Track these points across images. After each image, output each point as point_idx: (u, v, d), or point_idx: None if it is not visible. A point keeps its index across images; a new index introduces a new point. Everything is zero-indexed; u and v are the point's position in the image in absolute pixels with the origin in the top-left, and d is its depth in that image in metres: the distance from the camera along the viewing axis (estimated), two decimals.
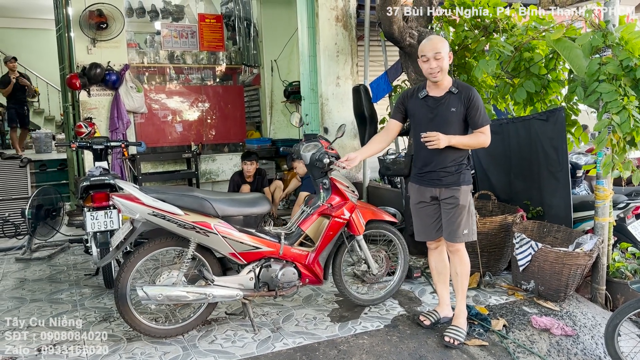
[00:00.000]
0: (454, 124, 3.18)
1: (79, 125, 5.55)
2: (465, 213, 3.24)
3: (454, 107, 3.16)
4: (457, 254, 3.34)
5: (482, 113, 3.17)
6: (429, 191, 3.30)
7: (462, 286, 3.38)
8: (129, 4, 7.79)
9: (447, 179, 3.23)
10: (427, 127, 3.18)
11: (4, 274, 4.79)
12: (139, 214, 3.05)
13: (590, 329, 3.64)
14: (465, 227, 3.25)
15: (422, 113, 3.26)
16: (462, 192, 3.22)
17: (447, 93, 3.19)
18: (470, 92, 3.16)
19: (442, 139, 3.05)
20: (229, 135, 8.22)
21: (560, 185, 4.37)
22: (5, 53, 13.31)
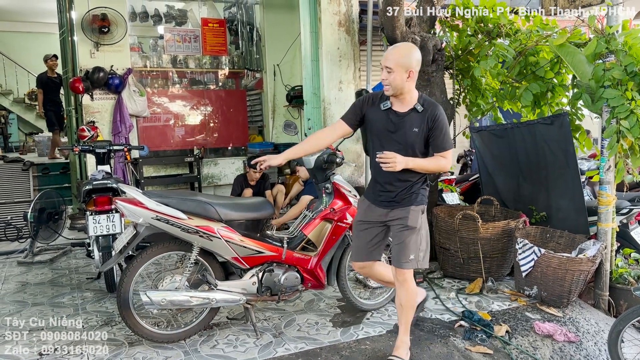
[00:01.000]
0: (416, 144, 2.91)
1: (82, 128, 5.56)
2: (413, 235, 2.95)
3: (416, 127, 2.88)
4: (404, 284, 3.01)
5: (447, 136, 2.92)
6: (379, 212, 3.04)
7: (406, 318, 3.08)
8: (132, 8, 7.81)
9: (400, 199, 2.97)
10: (387, 143, 2.92)
11: (6, 277, 4.79)
12: (142, 218, 3.05)
13: (593, 335, 3.62)
14: (412, 251, 2.93)
15: (382, 126, 2.97)
16: (411, 212, 2.95)
17: (411, 110, 2.90)
18: (436, 111, 2.88)
19: (399, 162, 2.79)
20: (231, 139, 8.22)
21: (569, 187, 4.36)
22: (8, 56, 13.39)
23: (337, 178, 3.64)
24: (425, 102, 2.93)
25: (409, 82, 2.87)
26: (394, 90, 2.87)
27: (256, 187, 6.14)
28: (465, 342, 3.36)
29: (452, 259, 4.44)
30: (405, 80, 2.84)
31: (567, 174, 4.35)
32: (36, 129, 13.34)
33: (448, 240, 4.42)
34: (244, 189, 6.10)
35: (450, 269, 4.50)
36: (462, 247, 4.33)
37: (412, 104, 2.91)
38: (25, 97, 13.39)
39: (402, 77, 2.83)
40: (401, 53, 2.85)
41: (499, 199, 4.91)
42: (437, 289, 4.27)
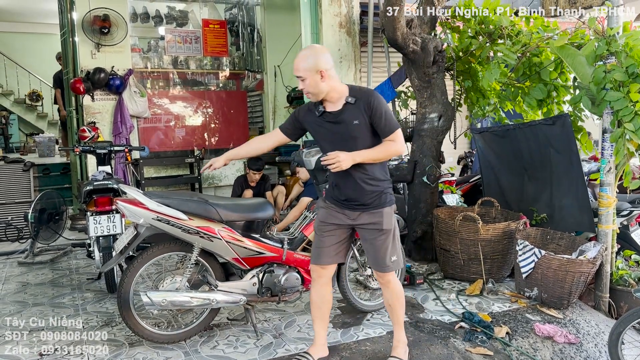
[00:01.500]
0: (362, 137, 2.79)
1: (83, 129, 5.57)
2: (390, 238, 2.91)
3: (356, 120, 2.76)
4: (388, 286, 3.00)
5: (388, 118, 2.78)
6: (345, 215, 2.92)
7: (398, 317, 3.07)
8: (133, 9, 7.83)
9: (367, 202, 2.86)
10: (333, 146, 2.79)
11: (6, 277, 4.79)
12: (143, 218, 3.05)
13: (593, 337, 3.62)
14: (392, 253, 2.92)
15: (323, 132, 2.88)
16: (385, 214, 2.87)
17: (345, 105, 2.79)
18: (369, 97, 2.77)
19: (343, 159, 2.68)
20: (232, 141, 8.22)
21: (574, 186, 4.37)
22: (9, 57, 13.40)
23: None
24: (357, 93, 2.82)
25: (326, 82, 2.76)
26: (316, 95, 2.79)
27: (256, 189, 6.14)
28: (465, 344, 3.36)
29: (453, 260, 4.44)
30: (320, 82, 2.74)
31: (571, 172, 4.37)
32: (37, 130, 13.36)
33: (448, 242, 4.42)
34: (244, 190, 6.10)
35: (450, 271, 4.50)
36: (463, 249, 4.33)
37: (344, 99, 2.80)
38: (26, 98, 13.41)
39: (315, 80, 2.74)
40: (304, 59, 2.76)
41: (503, 198, 4.92)
42: (438, 290, 4.27)
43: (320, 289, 3.07)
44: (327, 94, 2.79)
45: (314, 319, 3.11)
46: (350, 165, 2.72)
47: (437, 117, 4.93)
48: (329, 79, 2.76)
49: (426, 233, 4.96)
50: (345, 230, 2.99)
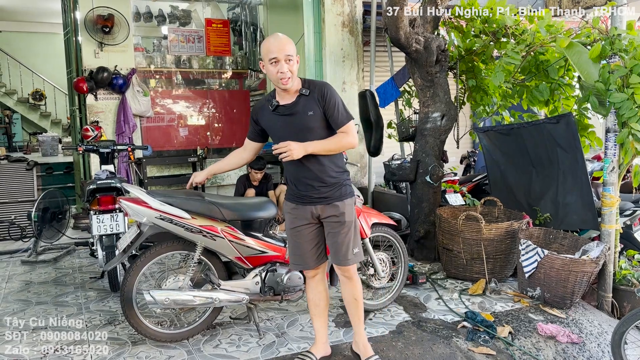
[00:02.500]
0: (317, 129, 2.76)
1: (86, 128, 5.58)
2: (352, 230, 2.88)
3: (310, 111, 2.72)
4: (352, 279, 2.97)
5: (341, 109, 2.75)
6: (307, 210, 2.86)
7: (361, 312, 3.05)
8: (136, 9, 7.83)
9: (326, 194, 2.82)
10: (290, 139, 2.73)
11: (9, 276, 4.80)
12: (146, 217, 3.06)
13: (596, 336, 3.62)
14: (354, 245, 2.89)
15: (278, 126, 2.83)
16: (346, 206, 2.85)
17: (299, 97, 2.75)
18: (323, 88, 2.74)
19: (294, 148, 2.64)
20: (234, 140, 8.22)
21: (578, 183, 4.37)
22: (13, 57, 13.44)
23: None
24: (310, 84, 2.78)
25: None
26: (293, 79, 2.71)
27: (259, 188, 6.15)
28: (468, 343, 3.36)
29: (455, 259, 4.43)
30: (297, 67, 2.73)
31: (576, 170, 4.37)
32: (40, 129, 13.40)
33: (451, 241, 4.42)
34: (247, 189, 6.11)
35: (453, 270, 4.50)
36: (465, 248, 4.33)
37: (298, 91, 2.76)
38: (29, 97, 13.45)
39: (297, 64, 2.72)
40: (290, 41, 2.71)
41: (511, 196, 4.92)
42: (440, 289, 4.26)
43: (316, 286, 3.06)
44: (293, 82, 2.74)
45: (313, 317, 3.11)
46: (302, 156, 2.69)
47: (439, 116, 4.93)
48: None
49: (429, 232, 4.96)
50: (316, 228, 2.94)
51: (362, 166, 6.49)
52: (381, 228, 3.81)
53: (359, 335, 3.09)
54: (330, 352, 3.13)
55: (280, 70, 2.65)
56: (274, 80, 2.72)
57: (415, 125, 5.32)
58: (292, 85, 2.72)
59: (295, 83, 2.74)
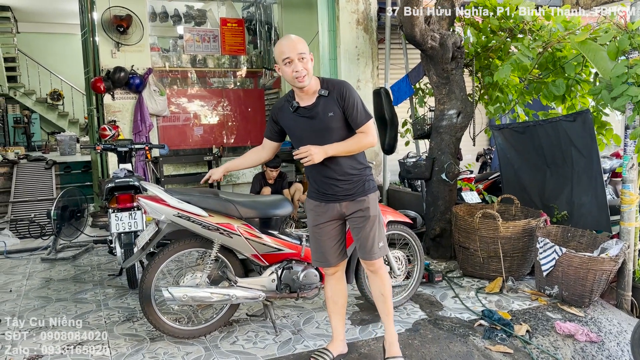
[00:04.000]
0: (338, 130, 2.77)
1: (103, 127, 5.65)
2: (377, 224, 2.89)
3: (331, 112, 2.73)
4: (378, 273, 2.96)
5: (360, 109, 2.75)
6: (331, 208, 2.88)
7: (389, 308, 3.02)
8: (152, 9, 7.91)
9: (350, 191, 2.84)
10: (310, 141, 2.75)
11: (30, 273, 4.88)
12: (164, 215, 3.09)
13: (615, 335, 3.58)
14: (379, 239, 2.90)
15: (299, 128, 2.83)
16: (370, 200, 2.86)
17: (318, 98, 2.75)
18: (341, 88, 2.74)
19: (315, 152, 2.65)
20: (249, 138, 8.27)
21: (593, 184, 4.31)
22: (31, 57, 13.64)
23: None
24: (329, 84, 2.78)
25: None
26: (309, 77, 2.71)
27: (274, 186, 6.18)
28: (485, 341, 3.34)
29: (472, 258, 4.41)
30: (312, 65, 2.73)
31: (590, 170, 4.31)
32: (58, 128, 13.58)
33: (467, 239, 4.40)
34: (262, 187, 6.14)
35: (469, 268, 4.48)
36: (482, 246, 4.30)
37: (317, 92, 2.76)
38: (47, 97, 13.64)
39: (311, 62, 2.72)
40: (301, 40, 2.72)
41: (525, 195, 4.88)
42: (457, 288, 4.25)
43: (336, 283, 3.07)
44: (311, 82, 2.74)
45: (331, 315, 3.11)
46: (323, 159, 2.71)
47: (455, 113, 4.90)
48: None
49: (444, 230, 4.94)
50: (338, 225, 2.96)
51: (377, 164, 6.48)
52: (397, 226, 3.81)
53: (386, 332, 3.08)
54: (347, 350, 3.14)
55: (295, 70, 2.66)
56: (290, 81, 2.72)
57: (430, 123, 5.30)
58: (309, 83, 2.71)
59: (312, 82, 2.74)
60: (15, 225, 6.46)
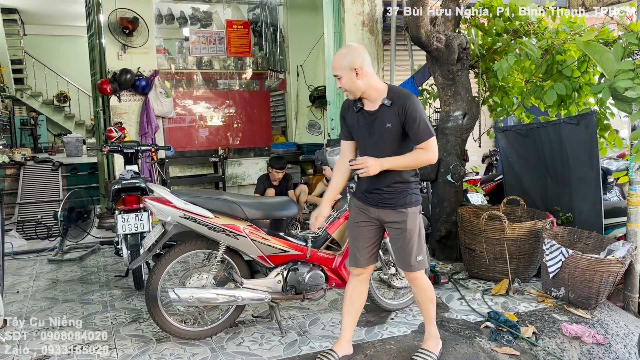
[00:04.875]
0: (393, 141, 2.80)
1: (110, 129, 5.69)
2: (415, 238, 2.90)
3: (389, 123, 2.76)
4: (415, 282, 3.01)
5: (422, 125, 2.73)
6: (371, 211, 2.94)
7: (429, 312, 3.09)
8: (158, 11, 7.95)
9: (392, 200, 2.87)
10: (366, 145, 2.87)
11: (37, 274, 4.91)
12: (170, 216, 3.10)
13: (622, 337, 3.56)
14: (418, 253, 2.92)
15: (359, 128, 2.90)
16: (409, 214, 2.87)
17: (381, 106, 2.79)
18: (405, 102, 2.73)
19: (371, 165, 2.69)
20: (255, 140, 8.29)
21: (591, 191, 4.29)
22: (38, 59, 13.72)
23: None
24: (394, 95, 2.78)
25: (362, 80, 2.76)
26: (353, 93, 2.80)
27: (279, 187, 6.20)
28: (491, 343, 3.33)
29: (478, 259, 4.40)
30: (355, 80, 2.75)
31: (590, 176, 4.29)
32: (64, 130, 13.65)
33: (473, 241, 4.39)
34: (267, 188, 6.15)
35: (475, 270, 4.47)
36: (488, 248, 4.29)
37: (381, 100, 2.79)
38: (54, 99, 13.72)
39: (350, 78, 2.75)
40: (340, 57, 2.78)
41: (528, 198, 4.86)
42: (463, 289, 4.24)
43: (358, 284, 3.09)
44: (365, 92, 2.80)
45: (345, 313, 3.09)
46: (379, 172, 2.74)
47: (461, 115, 4.89)
48: (365, 77, 2.76)
49: (450, 232, 4.93)
50: (375, 228, 2.99)
51: None
52: None
53: (426, 331, 3.17)
54: (352, 351, 3.13)
55: (338, 86, 2.84)
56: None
57: (436, 124, 5.29)
58: (356, 96, 2.82)
59: (373, 92, 2.80)
60: (22, 226, 6.49)
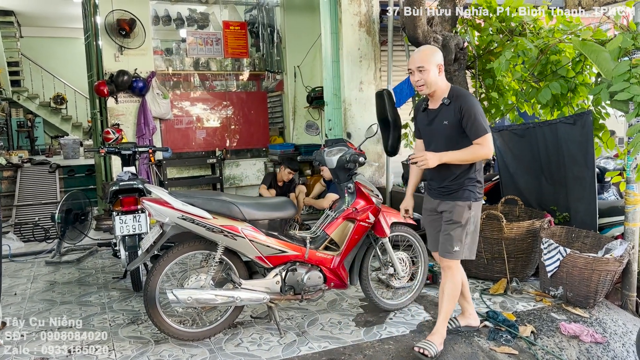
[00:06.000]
0: (450, 137, 3.04)
1: (107, 131, 5.67)
2: (458, 229, 3.08)
3: (446, 120, 3.02)
4: (447, 270, 3.16)
5: (478, 122, 2.94)
6: (433, 202, 3.25)
7: (446, 306, 3.17)
8: (155, 12, 7.94)
9: (447, 192, 3.12)
10: (429, 140, 3.18)
11: (34, 276, 4.90)
12: (168, 217, 3.09)
13: (621, 336, 3.57)
14: (456, 243, 3.08)
15: (423, 126, 3.23)
16: (457, 207, 3.07)
17: (441, 105, 3.07)
18: (462, 100, 2.98)
19: (430, 158, 2.92)
20: (252, 141, 8.29)
21: (587, 191, 4.30)
22: (35, 61, 13.69)
23: (359, 178, 3.65)
24: (453, 95, 3.04)
25: (441, 78, 3.05)
26: (429, 87, 3.03)
27: (282, 188, 6.22)
28: (489, 343, 3.34)
29: (476, 259, 4.38)
30: (437, 76, 3.02)
31: (585, 176, 4.29)
32: (62, 132, 13.62)
33: None
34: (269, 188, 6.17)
35: (473, 269, 4.47)
36: (486, 247, 4.30)
37: (442, 99, 3.06)
38: (50, 101, 13.68)
39: (435, 73, 3.01)
40: (429, 52, 3.03)
41: (523, 199, 4.86)
42: None
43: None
44: (436, 89, 3.05)
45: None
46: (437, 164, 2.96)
47: None
48: (442, 76, 3.06)
49: None
50: (437, 218, 3.24)
51: (380, 166, 6.49)
52: (400, 227, 3.81)
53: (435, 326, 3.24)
54: (478, 324, 3.45)
55: (413, 80, 3.06)
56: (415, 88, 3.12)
57: None
58: (429, 91, 3.06)
59: (438, 91, 3.06)
60: (20, 228, 6.47)
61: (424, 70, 2.99)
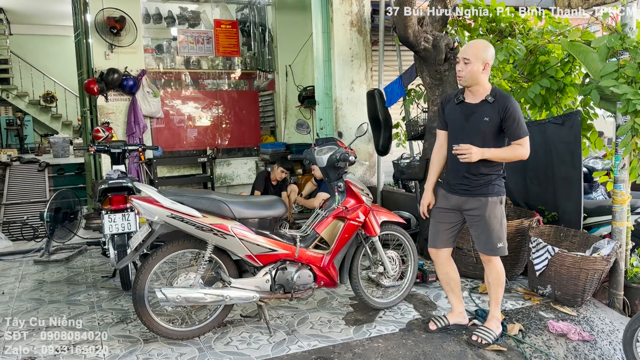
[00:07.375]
0: (487, 134, 3.08)
1: (97, 129, 5.64)
2: (497, 225, 3.17)
3: (487, 117, 3.06)
4: (489, 264, 3.29)
5: (520, 124, 3.04)
6: (455, 200, 3.25)
7: (494, 294, 3.35)
8: (146, 10, 7.90)
9: (475, 188, 3.16)
10: (459, 134, 3.15)
11: (22, 275, 4.86)
12: (157, 216, 3.08)
13: (608, 334, 3.60)
14: (500, 239, 3.19)
15: (455, 119, 3.21)
16: (488, 203, 3.14)
17: (483, 101, 3.10)
18: (507, 101, 3.04)
19: (474, 152, 2.98)
20: (243, 140, 8.28)
21: (574, 190, 4.33)
22: (24, 59, 13.59)
23: (349, 177, 3.66)
24: (497, 94, 3.09)
25: (484, 75, 3.07)
26: (467, 81, 3.08)
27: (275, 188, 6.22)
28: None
29: (465, 258, 4.43)
30: (480, 72, 3.04)
31: (572, 176, 4.33)
32: (51, 131, 13.53)
33: (461, 240, 4.40)
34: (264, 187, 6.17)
35: (463, 268, 4.48)
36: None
37: (484, 96, 3.09)
38: (40, 99, 13.58)
39: (478, 68, 3.03)
40: (480, 46, 3.07)
41: (511, 198, 4.89)
42: None
43: (443, 267, 3.43)
44: (475, 86, 3.09)
45: (447, 294, 3.53)
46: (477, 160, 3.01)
47: None
48: (486, 74, 3.08)
49: None
50: (456, 215, 3.29)
51: (371, 165, 6.50)
52: (390, 226, 3.82)
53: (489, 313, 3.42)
54: (467, 322, 3.50)
55: (458, 69, 3.10)
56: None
57: (424, 124, 5.31)
58: (465, 84, 3.10)
59: (480, 88, 3.09)
60: (8, 227, 6.43)
61: (468, 63, 3.03)
